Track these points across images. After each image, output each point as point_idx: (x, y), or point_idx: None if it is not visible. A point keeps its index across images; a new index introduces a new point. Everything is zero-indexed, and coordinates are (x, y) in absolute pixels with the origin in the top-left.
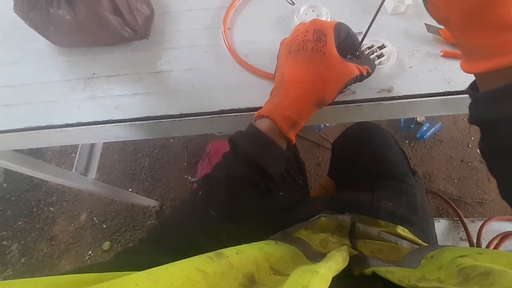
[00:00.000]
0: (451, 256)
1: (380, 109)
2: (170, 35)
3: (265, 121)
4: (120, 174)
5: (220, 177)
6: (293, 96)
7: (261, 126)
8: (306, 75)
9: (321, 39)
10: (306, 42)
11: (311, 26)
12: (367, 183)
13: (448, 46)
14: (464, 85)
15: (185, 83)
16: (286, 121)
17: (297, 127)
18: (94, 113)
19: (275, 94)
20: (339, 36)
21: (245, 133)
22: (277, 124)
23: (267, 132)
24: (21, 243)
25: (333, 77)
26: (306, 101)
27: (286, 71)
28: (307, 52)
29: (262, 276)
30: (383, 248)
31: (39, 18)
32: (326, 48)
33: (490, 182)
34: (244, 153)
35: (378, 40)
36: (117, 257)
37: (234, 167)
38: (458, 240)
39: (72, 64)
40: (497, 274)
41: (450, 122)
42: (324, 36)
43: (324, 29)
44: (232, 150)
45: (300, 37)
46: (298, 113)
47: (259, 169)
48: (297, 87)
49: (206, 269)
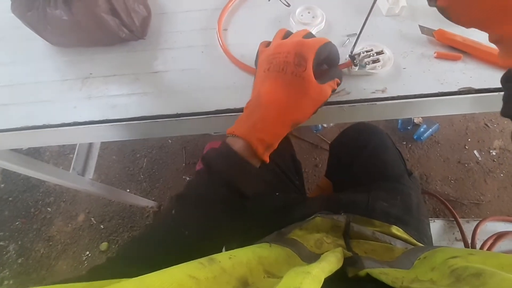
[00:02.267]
0: (443, 257)
1: (374, 110)
2: (167, 35)
3: (239, 141)
4: (118, 175)
5: (194, 196)
6: (269, 119)
7: (236, 146)
8: (283, 100)
9: (301, 64)
10: (286, 65)
11: (293, 48)
12: (363, 184)
13: (441, 47)
14: (457, 86)
15: (181, 83)
16: (261, 144)
17: (271, 149)
18: (91, 112)
19: (251, 112)
20: (319, 59)
21: (219, 152)
22: (252, 147)
23: (242, 153)
24: (18, 243)
25: (309, 102)
26: (281, 124)
27: (264, 90)
28: (287, 76)
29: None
30: (377, 249)
31: (37, 18)
32: (305, 74)
33: (487, 183)
34: (218, 173)
35: (378, 45)
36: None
37: (208, 186)
38: (453, 240)
39: (69, 64)
40: (487, 275)
41: (447, 124)
42: (305, 61)
43: (305, 53)
44: (206, 169)
45: (281, 57)
46: (273, 136)
47: (234, 189)
48: (273, 110)
49: (197, 275)
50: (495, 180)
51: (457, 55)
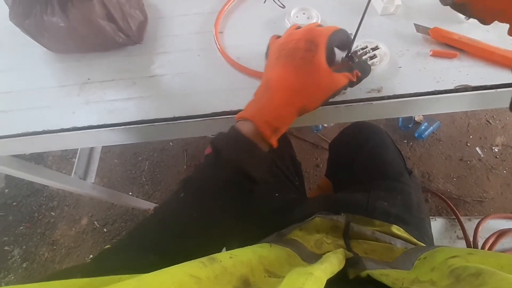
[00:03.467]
0: (443, 257)
1: (371, 109)
2: (163, 40)
3: (247, 124)
4: (120, 178)
5: (202, 179)
6: (277, 102)
7: (244, 130)
8: (291, 83)
9: (311, 49)
10: (296, 50)
11: (304, 35)
12: (363, 183)
13: (437, 45)
14: (453, 83)
15: (178, 86)
16: (269, 127)
17: (278, 133)
18: (89, 117)
19: (260, 97)
20: (331, 45)
21: (227, 135)
22: (259, 129)
23: (250, 136)
24: (23, 248)
25: (318, 87)
26: (289, 109)
27: (273, 75)
28: (296, 61)
29: (256, 279)
30: (377, 249)
31: (34, 26)
32: (315, 59)
33: (489, 180)
34: (227, 156)
35: (372, 41)
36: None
37: (216, 169)
38: (455, 239)
39: (67, 70)
40: (487, 275)
41: (449, 121)
42: (315, 46)
43: (316, 39)
44: (214, 152)
45: (291, 44)
46: (280, 119)
47: (242, 172)
48: (281, 93)
49: (199, 274)
50: (498, 177)
51: (453, 53)
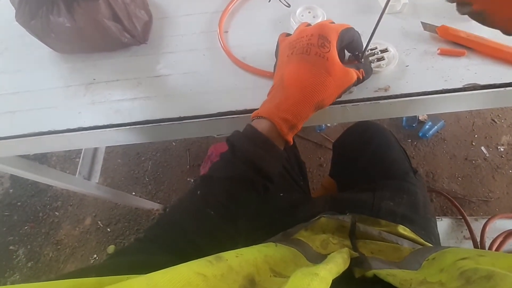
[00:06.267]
0: (453, 258)
1: (378, 108)
2: (168, 39)
3: (263, 122)
4: (124, 178)
5: (219, 177)
6: (293, 99)
7: (260, 127)
8: (307, 79)
9: (325, 45)
10: (310, 46)
11: (316, 31)
12: (368, 183)
13: (444, 44)
14: (462, 82)
15: (183, 86)
16: (286, 123)
17: (295, 129)
18: (95, 118)
19: (274, 95)
20: (342, 42)
21: (243, 133)
22: (276, 126)
23: (266, 133)
24: (28, 247)
25: (334, 82)
26: (305, 105)
27: (287, 72)
28: (311, 57)
29: (262, 278)
30: (383, 249)
31: (40, 26)
32: (329, 54)
33: (495, 180)
34: (243, 154)
35: (382, 43)
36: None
37: (233, 167)
38: (461, 239)
39: (73, 70)
40: (498, 278)
41: (453, 120)
42: (328, 42)
43: (329, 35)
44: (231, 150)
45: (304, 40)
46: (297, 116)
47: (258, 169)
48: (297, 90)
49: (205, 273)
50: (504, 177)
51: (461, 51)
